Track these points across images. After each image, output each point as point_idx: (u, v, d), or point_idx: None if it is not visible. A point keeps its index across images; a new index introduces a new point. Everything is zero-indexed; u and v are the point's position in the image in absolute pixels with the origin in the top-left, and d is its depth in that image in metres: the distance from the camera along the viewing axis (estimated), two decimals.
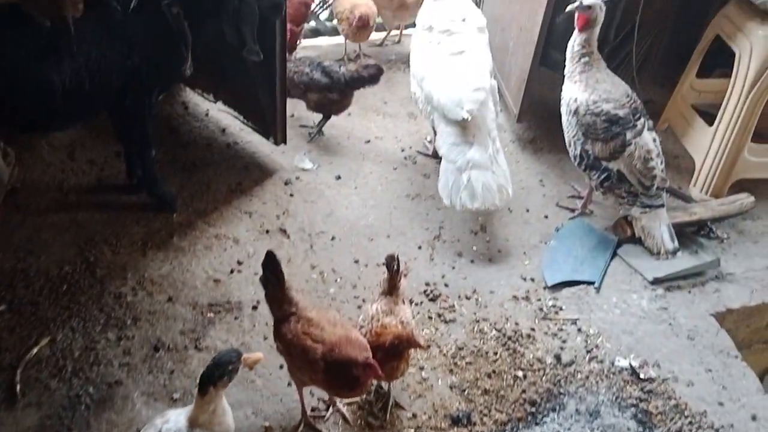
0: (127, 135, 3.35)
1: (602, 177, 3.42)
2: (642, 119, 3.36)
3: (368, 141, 4.21)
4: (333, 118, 4.17)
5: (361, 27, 4.40)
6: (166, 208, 3.53)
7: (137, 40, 3.00)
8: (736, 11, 3.79)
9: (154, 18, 3.02)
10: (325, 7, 4.43)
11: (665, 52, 4.87)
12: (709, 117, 4.03)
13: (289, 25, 3.61)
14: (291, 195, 3.76)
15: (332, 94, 3.97)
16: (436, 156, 4.08)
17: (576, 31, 3.39)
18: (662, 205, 3.40)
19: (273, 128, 3.85)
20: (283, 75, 3.61)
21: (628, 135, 3.30)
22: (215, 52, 3.37)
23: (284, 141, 3.89)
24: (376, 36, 4.76)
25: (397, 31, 4.94)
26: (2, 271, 3.12)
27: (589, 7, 3.29)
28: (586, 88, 3.37)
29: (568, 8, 3.36)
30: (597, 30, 3.38)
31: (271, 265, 2.53)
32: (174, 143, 3.95)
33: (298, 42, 4.43)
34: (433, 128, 3.83)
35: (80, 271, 3.19)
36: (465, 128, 3.45)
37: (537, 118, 4.38)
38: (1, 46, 2.71)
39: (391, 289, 2.72)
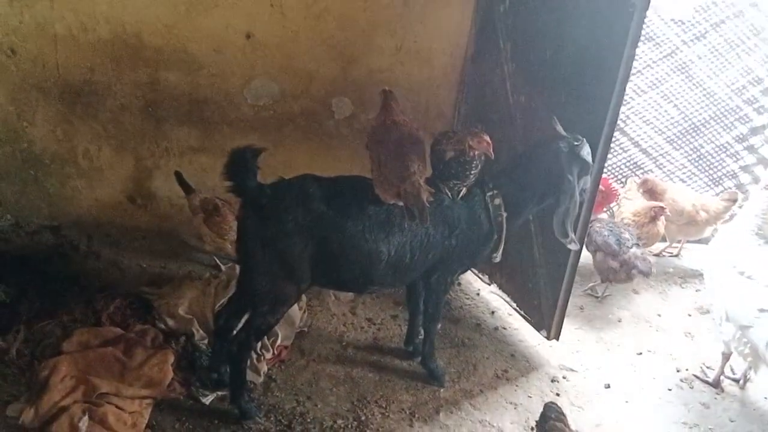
0: (424, 308, 3.45)
1: None
2: None
3: (640, 353, 4.00)
4: (606, 325, 4.11)
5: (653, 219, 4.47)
6: (435, 381, 3.54)
7: (458, 225, 3.14)
8: None
9: (476, 206, 3.19)
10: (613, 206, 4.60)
11: None
12: None
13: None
14: (557, 394, 3.61)
15: (613, 262, 4.17)
16: (716, 385, 3.79)
17: None
18: None
19: (549, 322, 3.81)
20: (573, 269, 3.59)
21: None
22: None
23: (557, 337, 3.82)
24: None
25: (678, 245, 4.82)
26: (283, 411, 3.25)
27: None
28: None
29: None
30: None
31: None
32: (446, 317, 4.03)
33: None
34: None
35: (351, 428, 3.22)
36: None
37: None
38: (346, 219, 2.93)
39: None
